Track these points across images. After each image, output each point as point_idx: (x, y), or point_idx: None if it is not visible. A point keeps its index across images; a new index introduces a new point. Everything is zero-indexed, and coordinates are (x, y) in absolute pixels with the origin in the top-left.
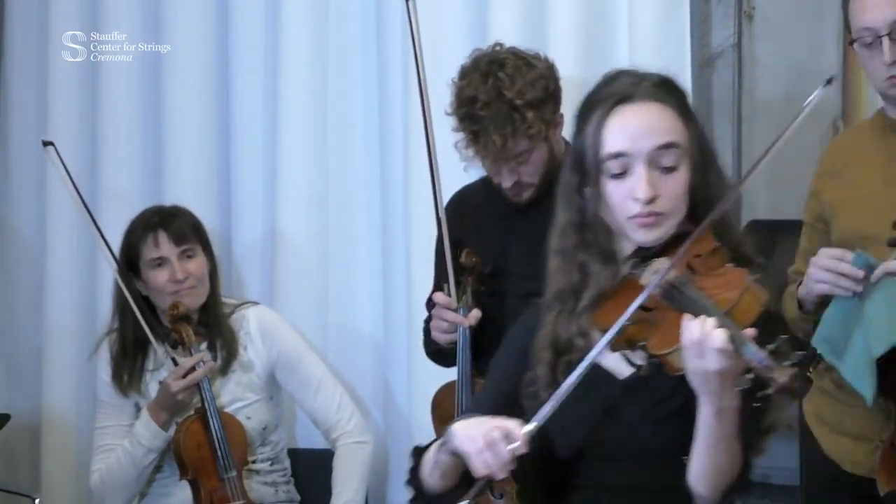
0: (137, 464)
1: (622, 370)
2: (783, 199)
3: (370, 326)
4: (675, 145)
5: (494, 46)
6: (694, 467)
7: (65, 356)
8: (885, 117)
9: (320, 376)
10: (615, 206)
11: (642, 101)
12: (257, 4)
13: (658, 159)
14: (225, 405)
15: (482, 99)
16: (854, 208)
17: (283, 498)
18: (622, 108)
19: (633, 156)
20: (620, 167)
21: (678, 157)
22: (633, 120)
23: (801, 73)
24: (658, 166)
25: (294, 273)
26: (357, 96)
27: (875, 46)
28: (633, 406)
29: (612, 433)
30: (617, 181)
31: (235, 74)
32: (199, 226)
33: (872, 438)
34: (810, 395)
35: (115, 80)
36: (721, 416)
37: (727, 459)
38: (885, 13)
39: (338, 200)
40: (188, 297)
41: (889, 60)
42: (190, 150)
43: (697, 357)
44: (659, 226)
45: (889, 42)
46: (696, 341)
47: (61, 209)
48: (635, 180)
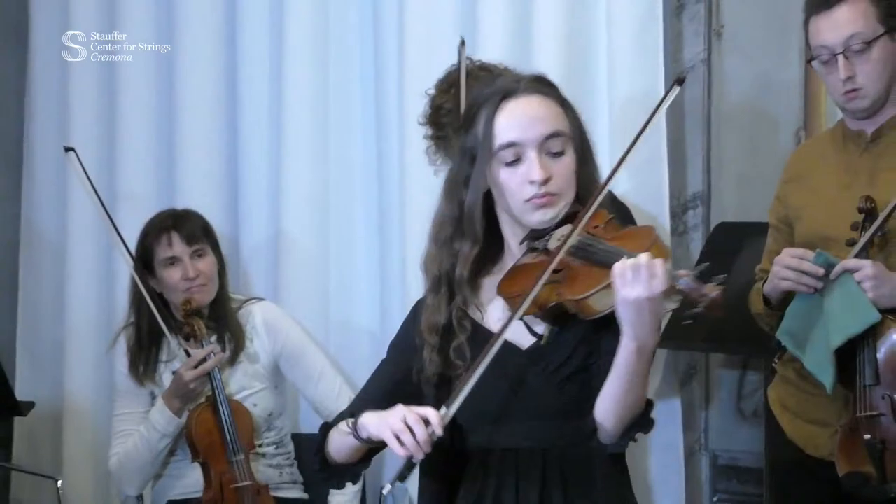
0: (153, 448)
1: (524, 341)
2: (751, 203)
3: (368, 320)
4: (561, 133)
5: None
6: (603, 402)
7: (85, 348)
8: (845, 128)
9: (321, 367)
10: (511, 192)
11: (526, 95)
12: (263, 13)
13: (547, 145)
14: (233, 393)
15: (446, 107)
16: (816, 211)
17: (287, 479)
18: (509, 102)
19: (524, 144)
20: (514, 155)
21: (564, 143)
22: (520, 111)
23: (766, 86)
24: (547, 152)
25: (297, 271)
26: (355, 107)
27: (831, 63)
28: (537, 372)
29: (517, 400)
30: (511, 168)
31: (242, 87)
32: (209, 227)
33: (832, 424)
34: (775, 383)
35: (133, 89)
36: (641, 353)
37: (635, 396)
38: (840, 33)
39: (338, 204)
40: (199, 294)
41: (843, 77)
42: (200, 157)
43: (633, 285)
44: (554, 205)
45: (843, 60)
46: (634, 268)
47: (81, 211)
48: (529, 165)
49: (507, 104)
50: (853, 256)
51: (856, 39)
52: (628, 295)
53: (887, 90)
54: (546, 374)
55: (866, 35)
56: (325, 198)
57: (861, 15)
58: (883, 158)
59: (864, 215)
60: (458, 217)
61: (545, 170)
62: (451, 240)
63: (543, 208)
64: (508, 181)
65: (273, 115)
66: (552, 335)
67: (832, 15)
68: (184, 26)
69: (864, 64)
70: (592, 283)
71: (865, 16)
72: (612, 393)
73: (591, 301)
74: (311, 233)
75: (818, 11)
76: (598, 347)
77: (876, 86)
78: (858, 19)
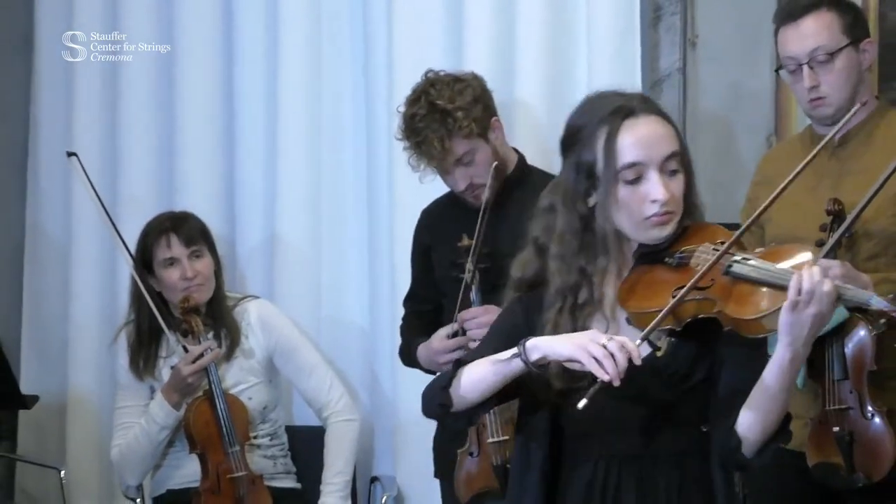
0: (153, 439)
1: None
2: (724, 205)
3: (358, 317)
4: (677, 153)
5: (427, 73)
6: (748, 415)
7: (88, 344)
8: (813, 132)
9: (314, 362)
10: (631, 210)
11: (646, 115)
12: (258, 17)
13: (666, 165)
14: (229, 387)
15: (419, 114)
16: (786, 213)
17: (281, 470)
18: (630, 122)
19: (647, 164)
20: (635, 174)
21: (679, 163)
22: (643, 132)
23: (738, 94)
24: (665, 171)
25: (291, 270)
26: (346, 113)
27: (797, 73)
28: (658, 383)
29: (639, 410)
30: (631, 187)
31: (238, 93)
32: (206, 229)
33: (803, 416)
34: None
35: (133, 94)
36: (793, 363)
37: (779, 407)
38: (805, 44)
39: (330, 206)
40: (197, 293)
41: (808, 86)
42: (198, 162)
43: (807, 305)
44: (671, 223)
45: (808, 70)
46: (808, 290)
47: (84, 213)
48: (651, 185)
49: (629, 123)
50: (822, 257)
51: (820, 51)
52: (802, 312)
53: (851, 98)
54: (669, 385)
55: (830, 46)
56: (317, 201)
57: (825, 27)
58: (849, 162)
59: (832, 217)
60: (579, 230)
61: (667, 189)
62: (577, 254)
63: (661, 226)
64: (628, 199)
65: (268, 123)
66: (670, 347)
67: (798, 27)
68: (183, 31)
69: (828, 74)
70: (764, 303)
71: (830, 27)
72: (759, 405)
73: (764, 321)
74: (303, 234)
75: (785, 23)
76: (720, 357)
77: (840, 94)
78: (823, 31)
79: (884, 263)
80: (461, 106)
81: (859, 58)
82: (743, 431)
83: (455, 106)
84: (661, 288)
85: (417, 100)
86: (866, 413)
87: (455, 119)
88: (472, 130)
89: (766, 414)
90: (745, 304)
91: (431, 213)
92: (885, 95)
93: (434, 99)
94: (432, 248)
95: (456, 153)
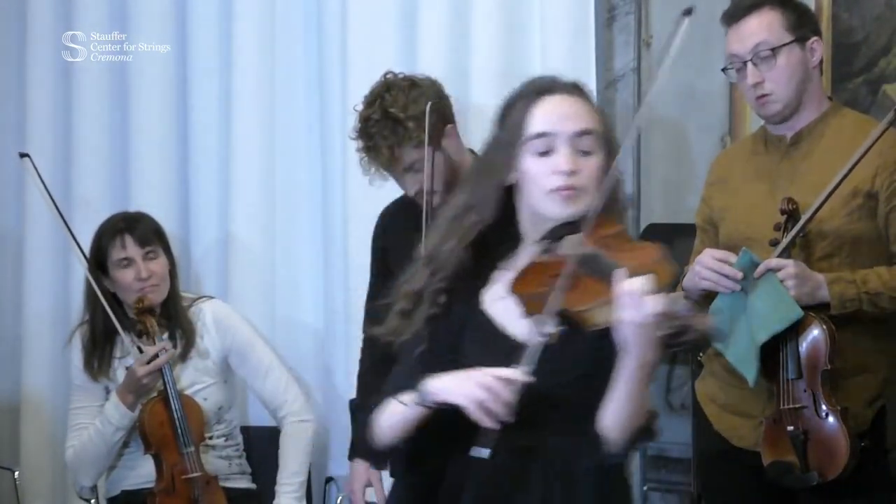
0: (107, 440)
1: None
2: (678, 205)
3: (312, 317)
4: (592, 132)
5: (386, 74)
6: (609, 415)
7: (42, 345)
8: (766, 132)
9: (269, 362)
10: (537, 180)
11: (563, 93)
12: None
13: (578, 142)
14: (184, 388)
15: (373, 118)
16: (739, 213)
17: (236, 470)
18: (546, 98)
19: (556, 136)
20: (545, 146)
21: (594, 144)
22: (556, 106)
23: (691, 94)
24: (578, 149)
25: (245, 271)
26: (300, 116)
27: (742, 71)
28: (547, 370)
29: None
30: (540, 159)
31: (192, 95)
32: (161, 230)
33: (757, 416)
34: (702, 377)
35: (87, 95)
36: (641, 368)
37: (637, 407)
38: (748, 42)
39: (284, 207)
40: (152, 294)
41: (751, 83)
42: (152, 162)
43: (634, 308)
44: (576, 200)
45: (751, 66)
46: (634, 293)
47: (38, 214)
48: (558, 156)
49: (545, 99)
50: (776, 256)
51: (762, 47)
52: (623, 316)
53: (798, 95)
54: (558, 372)
55: (772, 43)
56: (271, 202)
57: (767, 25)
58: (802, 162)
59: (787, 216)
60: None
61: (573, 163)
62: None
63: (565, 200)
64: (535, 170)
65: (222, 123)
66: (558, 336)
67: (741, 26)
68: (137, 32)
69: (771, 70)
70: (592, 295)
71: (771, 25)
72: (616, 404)
73: (589, 314)
74: (257, 235)
75: (730, 24)
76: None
77: (785, 91)
78: (764, 29)
79: (837, 263)
80: (414, 115)
81: (805, 56)
82: (606, 430)
83: (407, 115)
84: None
85: (373, 103)
86: (820, 412)
87: (406, 129)
88: (423, 140)
89: (623, 412)
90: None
91: (388, 215)
92: (837, 96)
93: (388, 105)
94: (389, 251)
95: (405, 162)
